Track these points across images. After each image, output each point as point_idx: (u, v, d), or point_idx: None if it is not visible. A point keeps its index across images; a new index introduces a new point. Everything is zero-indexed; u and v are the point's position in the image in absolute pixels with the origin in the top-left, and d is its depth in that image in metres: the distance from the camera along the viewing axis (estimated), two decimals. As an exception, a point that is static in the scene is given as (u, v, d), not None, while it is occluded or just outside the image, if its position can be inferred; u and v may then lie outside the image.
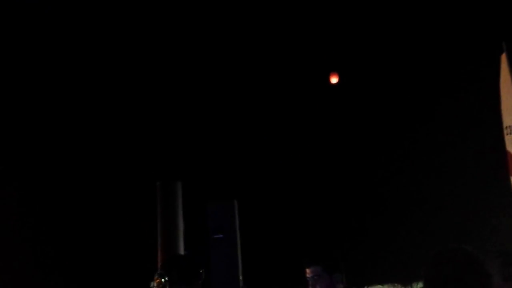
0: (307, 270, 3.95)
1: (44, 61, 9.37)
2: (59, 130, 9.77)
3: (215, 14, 9.29)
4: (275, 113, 10.26)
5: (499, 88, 6.58)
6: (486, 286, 2.69)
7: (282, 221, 10.05)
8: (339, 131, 10.30)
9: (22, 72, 9.40)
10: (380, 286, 9.43)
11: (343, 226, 10.07)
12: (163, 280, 3.70)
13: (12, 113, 9.47)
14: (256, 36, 9.70)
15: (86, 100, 9.85)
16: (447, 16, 9.13)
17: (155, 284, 3.71)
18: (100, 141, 9.92)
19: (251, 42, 9.77)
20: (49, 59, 9.37)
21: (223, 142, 10.09)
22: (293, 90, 10.19)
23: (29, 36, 9.03)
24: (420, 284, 6.30)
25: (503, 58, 6.56)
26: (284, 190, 10.14)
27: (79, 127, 9.86)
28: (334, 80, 9.83)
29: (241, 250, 8.33)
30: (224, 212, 8.33)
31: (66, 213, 9.56)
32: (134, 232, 9.08)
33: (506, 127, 6.36)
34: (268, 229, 9.93)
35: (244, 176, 9.84)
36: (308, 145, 10.41)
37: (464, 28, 9.09)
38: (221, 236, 8.23)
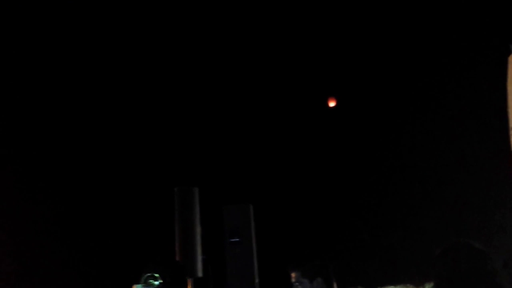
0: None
1: (62, 65, 9.60)
2: (79, 137, 9.99)
3: (223, 27, 9.47)
4: (289, 120, 10.38)
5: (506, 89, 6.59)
6: (496, 283, 2.66)
7: (297, 224, 10.13)
8: (346, 132, 10.38)
9: (47, 76, 9.64)
10: (392, 287, 9.42)
11: (357, 228, 10.11)
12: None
13: (32, 118, 9.73)
14: (269, 46, 9.87)
15: (106, 108, 10.08)
16: (455, 18, 9.16)
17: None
18: (119, 149, 10.12)
19: (265, 53, 9.93)
20: (65, 62, 9.60)
21: (238, 148, 10.23)
22: (308, 99, 10.32)
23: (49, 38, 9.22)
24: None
25: (511, 59, 6.57)
26: (299, 193, 10.21)
27: (98, 134, 10.07)
28: (332, 103, 9.99)
29: (256, 253, 8.44)
30: (239, 216, 8.46)
31: (85, 218, 9.76)
32: (153, 237, 9.24)
33: (512, 128, 6.35)
34: (284, 232, 10.02)
35: (259, 181, 9.97)
36: (323, 147, 10.49)
37: (472, 30, 9.11)
38: (237, 239, 8.35)
